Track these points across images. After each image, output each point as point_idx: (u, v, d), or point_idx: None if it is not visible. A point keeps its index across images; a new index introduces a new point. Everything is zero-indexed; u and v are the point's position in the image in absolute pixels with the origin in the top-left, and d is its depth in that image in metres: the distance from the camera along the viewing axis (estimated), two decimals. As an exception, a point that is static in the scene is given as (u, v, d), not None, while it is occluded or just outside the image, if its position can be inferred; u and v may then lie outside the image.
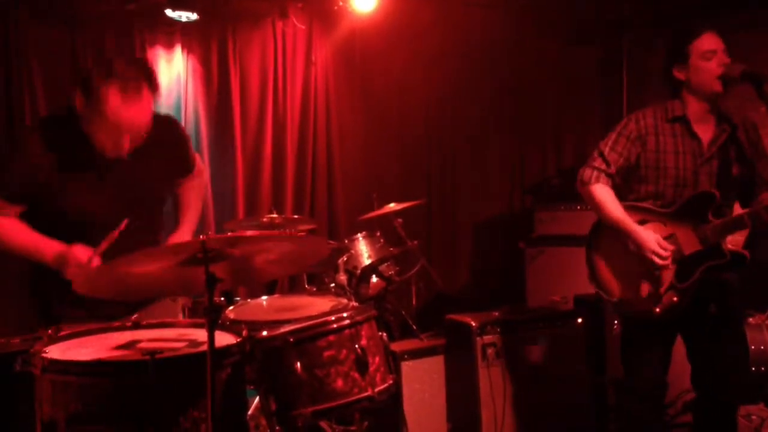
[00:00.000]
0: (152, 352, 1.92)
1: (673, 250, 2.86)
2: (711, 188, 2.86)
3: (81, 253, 2.35)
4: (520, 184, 6.09)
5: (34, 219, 2.46)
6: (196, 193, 2.94)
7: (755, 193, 2.92)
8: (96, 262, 2.33)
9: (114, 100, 2.30)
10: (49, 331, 2.15)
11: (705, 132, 2.92)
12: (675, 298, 2.85)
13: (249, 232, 1.99)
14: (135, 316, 2.53)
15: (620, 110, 5.67)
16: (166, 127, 2.70)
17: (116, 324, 2.35)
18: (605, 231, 3.04)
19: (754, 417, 3.74)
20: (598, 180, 3.00)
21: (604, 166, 3.00)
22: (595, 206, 3.02)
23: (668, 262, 2.85)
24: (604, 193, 2.99)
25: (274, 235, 2.18)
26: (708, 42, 2.83)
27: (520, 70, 5.99)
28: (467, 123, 5.94)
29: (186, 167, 2.84)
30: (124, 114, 2.33)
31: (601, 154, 3.02)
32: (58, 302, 2.45)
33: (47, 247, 2.40)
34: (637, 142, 2.96)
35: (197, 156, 2.95)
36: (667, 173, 2.92)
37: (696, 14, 4.92)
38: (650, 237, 2.87)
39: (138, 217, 2.52)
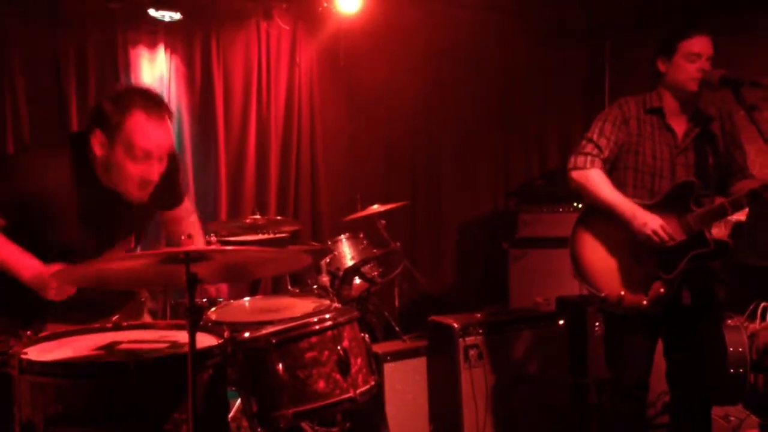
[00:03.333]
0: (133, 354, 1.91)
1: (671, 234, 2.85)
2: (689, 178, 2.89)
3: (60, 282, 2.25)
4: (505, 186, 6.12)
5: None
6: (197, 229, 2.86)
7: (732, 181, 2.97)
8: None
9: (140, 126, 2.24)
10: (28, 332, 2.13)
11: (679, 125, 2.97)
12: (662, 290, 2.87)
13: (230, 247, 1.99)
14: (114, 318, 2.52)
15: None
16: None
17: (96, 325, 2.33)
18: (590, 226, 3.05)
19: (732, 418, 3.77)
20: (593, 165, 2.99)
21: (596, 152, 3.00)
22: (590, 190, 2.99)
23: (667, 238, 2.83)
24: (599, 177, 2.98)
25: (255, 251, 2.17)
26: (697, 45, 2.86)
27: (505, 72, 6.02)
28: (452, 124, 5.96)
29: (173, 201, 2.76)
30: (152, 136, 2.26)
31: (591, 140, 3.02)
32: (32, 303, 2.40)
33: (25, 264, 2.28)
34: (623, 126, 3.00)
35: (187, 201, 2.87)
36: (645, 160, 2.96)
37: (678, 18, 4.97)
38: (654, 217, 2.85)
39: (118, 245, 2.51)
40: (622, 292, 2.92)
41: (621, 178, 3.01)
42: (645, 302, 2.89)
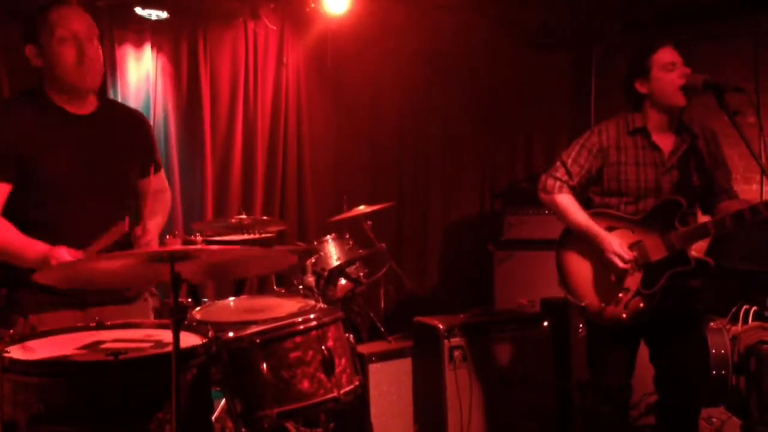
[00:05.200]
0: (116, 353, 1.90)
1: (635, 257, 2.91)
2: (676, 197, 2.91)
3: (66, 255, 2.29)
4: (491, 188, 6.14)
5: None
6: (162, 206, 2.86)
7: (716, 201, 2.99)
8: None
9: (58, 15, 2.42)
10: (11, 331, 2.12)
11: (665, 142, 2.97)
12: (641, 304, 2.90)
13: (214, 247, 1.99)
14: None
15: (588, 116, 5.76)
16: (136, 117, 2.76)
17: (80, 324, 2.32)
18: (575, 238, 3.08)
19: (714, 420, 3.81)
20: (560, 190, 3.06)
21: (566, 178, 3.06)
22: (559, 213, 3.08)
23: (628, 266, 2.90)
24: (567, 201, 3.05)
25: (240, 250, 2.17)
26: (667, 55, 2.89)
27: (491, 75, 6.04)
28: (438, 126, 5.98)
29: (149, 165, 2.76)
30: (72, 16, 2.43)
31: (564, 165, 3.07)
32: (24, 289, 2.39)
33: (30, 248, 2.34)
34: (599, 155, 3.02)
35: (163, 174, 2.92)
36: (628, 186, 2.97)
37: (663, 24, 5.02)
38: (613, 240, 2.92)
39: (108, 192, 2.54)
40: (603, 304, 2.95)
41: (607, 202, 3.04)
42: (624, 315, 2.92)
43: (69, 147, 2.47)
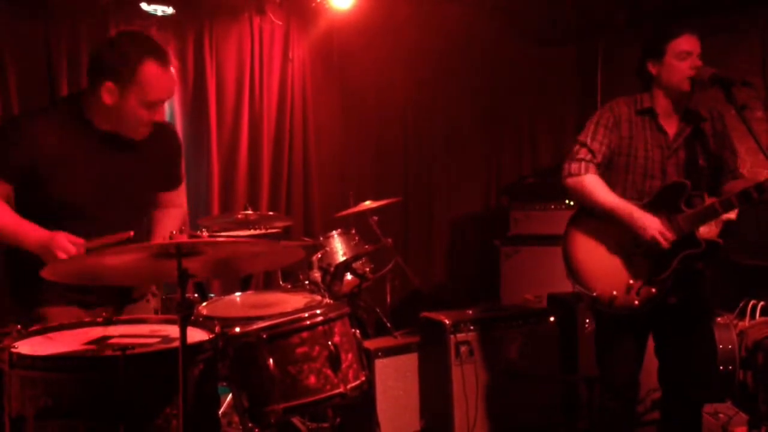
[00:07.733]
0: (123, 348, 1.91)
1: (669, 237, 2.86)
2: (680, 179, 2.90)
3: (66, 241, 2.28)
4: (496, 183, 6.13)
5: (17, 204, 2.43)
6: (172, 221, 2.83)
7: (722, 182, 2.98)
8: (81, 251, 2.29)
9: (154, 77, 2.35)
10: (18, 326, 2.13)
11: (671, 125, 2.98)
12: (653, 290, 2.88)
13: (221, 239, 1.99)
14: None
15: (595, 110, 5.72)
16: (167, 133, 2.72)
17: (87, 320, 2.33)
18: (581, 227, 3.06)
19: (721, 415, 3.79)
20: (587, 170, 3.00)
21: (589, 157, 3.01)
22: (586, 196, 2.99)
23: (665, 245, 2.85)
24: (594, 182, 2.99)
25: (248, 242, 2.18)
26: (686, 43, 2.89)
27: (496, 70, 6.03)
28: (444, 121, 5.97)
29: (172, 181, 2.79)
30: (165, 86, 2.40)
31: (585, 145, 3.02)
32: (34, 287, 2.40)
33: (31, 231, 2.33)
34: (615, 129, 3.00)
35: (183, 188, 2.91)
36: (637, 161, 2.96)
37: (668, 17, 5.00)
38: (652, 218, 2.87)
39: (120, 214, 2.52)
40: (614, 292, 2.93)
41: (612, 179, 3.02)
42: (636, 302, 2.90)
43: (92, 168, 2.44)
